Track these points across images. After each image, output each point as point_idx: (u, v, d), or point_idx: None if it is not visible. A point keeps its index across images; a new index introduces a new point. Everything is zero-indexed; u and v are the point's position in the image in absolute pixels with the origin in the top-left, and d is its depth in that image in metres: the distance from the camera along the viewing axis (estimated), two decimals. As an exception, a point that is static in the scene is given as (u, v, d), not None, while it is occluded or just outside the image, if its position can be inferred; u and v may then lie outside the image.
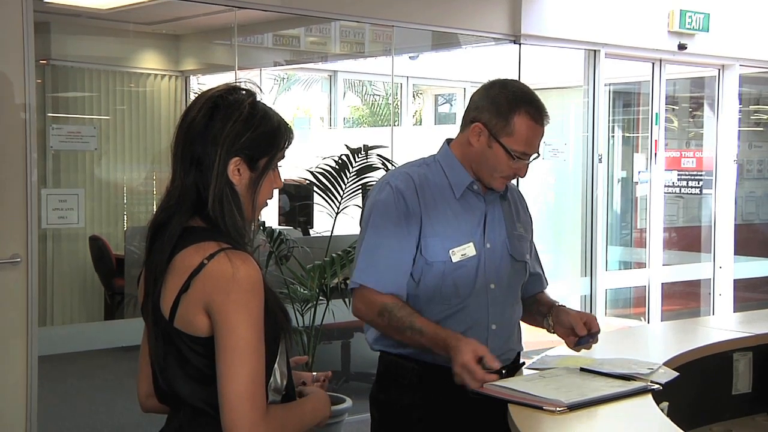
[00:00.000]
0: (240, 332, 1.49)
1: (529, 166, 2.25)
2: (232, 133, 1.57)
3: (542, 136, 2.23)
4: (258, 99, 1.63)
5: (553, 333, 2.32)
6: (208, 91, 1.63)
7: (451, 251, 2.21)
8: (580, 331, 2.23)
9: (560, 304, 2.36)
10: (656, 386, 2.08)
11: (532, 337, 2.77)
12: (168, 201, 1.61)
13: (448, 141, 2.36)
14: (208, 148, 1.57)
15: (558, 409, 1.89)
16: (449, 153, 2.32)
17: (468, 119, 2.26)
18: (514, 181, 2.43)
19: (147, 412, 1.76)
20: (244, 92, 1.62)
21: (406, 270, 2.21)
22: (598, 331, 2.25)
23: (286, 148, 1.66)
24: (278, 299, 1.64)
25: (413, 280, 2.22)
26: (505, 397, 1.97)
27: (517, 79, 5.42)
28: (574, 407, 1.91)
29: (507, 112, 2.18)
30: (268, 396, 1.56)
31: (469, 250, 2.23)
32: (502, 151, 2.19)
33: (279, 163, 1.66)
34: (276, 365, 1.61)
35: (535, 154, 2.24)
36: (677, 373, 2.21)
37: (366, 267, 2.21)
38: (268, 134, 1.61)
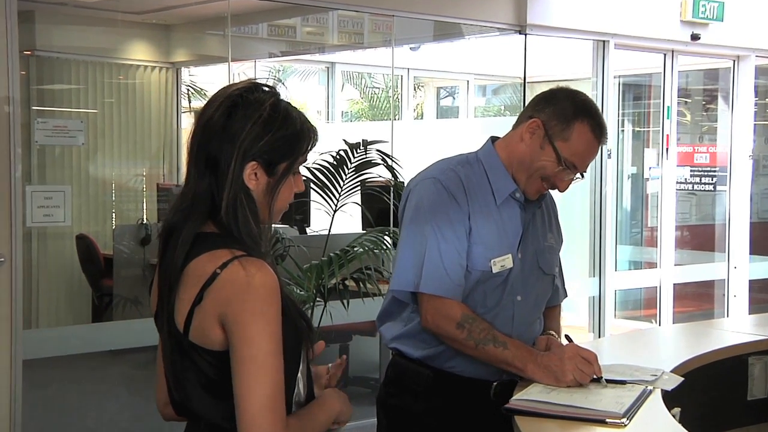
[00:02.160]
0: (258, 342, 1.48)
1: (571, 183, 2.24)
2: (251, 136, 1.55)
3: (595, 157, 2.23)
4: (281, 98, 1.61)
5: None
6: (228, 87, 1.61)
7: (492, 261, 2.20)
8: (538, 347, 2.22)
9: (550, 332, 2.34)
10: (650, 387, 2.08)
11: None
12: (181, 203, 1.59)
13: (493, 139, 2.33)
14: (224, 150, 1.55)
15: (622, 421, 1.87)
16: (493, 153, 2.28)
17: (525, 116, 2.24)
18: None
19: (167, 420, 1.75)
20: (266, 90, 1.60)
21: (464, 275, 2.19)
22: None
23: (309, 151, 1.63)
24: (297, 305, 1.64)
25: None
26: (550, 412, 1.94)
27: (523, 70, 5.37)
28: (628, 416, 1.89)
29: (570, 117, 2.17)
30: (292, 408, 1.56)
31: (507, 261, 2.22)
32: (553, 155, 2.18)
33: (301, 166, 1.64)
34: (299, 374, 1.61)
35: (580, 174, 2.23)
36: (682, 379, 2.21)
37: (434, 274, 2.16)
38: (289, 138, 1.58)
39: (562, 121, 2.17)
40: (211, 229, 1.58)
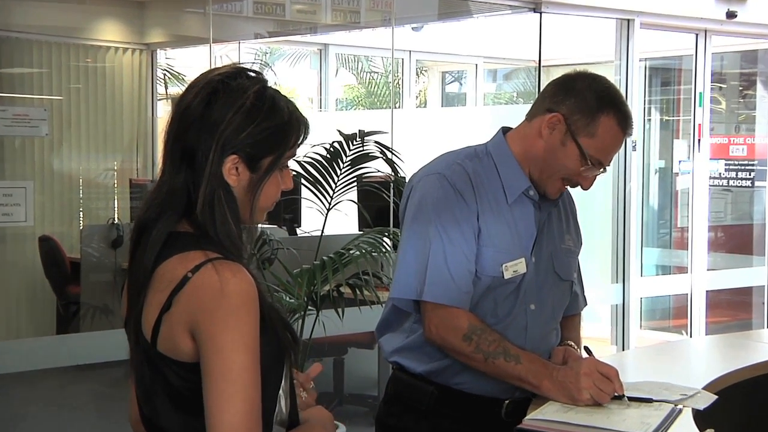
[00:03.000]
0: (231, 355, 1.48)
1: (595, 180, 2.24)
2: (231, 126, 1.55)
3: (619, 149, 2.24)
4: (267, 85, 1.61)
5: None
6: (209, 72, 1.62)
7: (504, 266, 2.20)
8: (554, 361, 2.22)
9: (570, 342, 2.34)
10: (680, 406, 2.08)
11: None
12: (154, 199, 1.59)
13: (504, 130, 2.32)
14: (202, 141, 1.55)
15: None
16: (504, 146, 2.28)
17: (542, 108, 2.23)
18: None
19: None
20: (251, 76, 1.60)
21: (472, 281, 2.18)
22: None
23: (298, 145, 1.63)
24: (282, 314, 1.63)
25: None
26: None
27: (538, 53, 5.36)
28: None
29: (595, 110, 2.16)
30: (271, 429, 1.56)
31: (520, 266, 2.21)
32: (577, 153, 2.17)
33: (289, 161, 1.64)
34: (281, 391, 1.61)
35: (603, 168, 2.23)
36: (716, 397, 2.21)
37: (439, 280, 2.16)
38: (275, 130, 1.58)
39: (587, 115, 2.16)
40: (185, 229, 1.58)
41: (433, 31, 7.94)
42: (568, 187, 2.32)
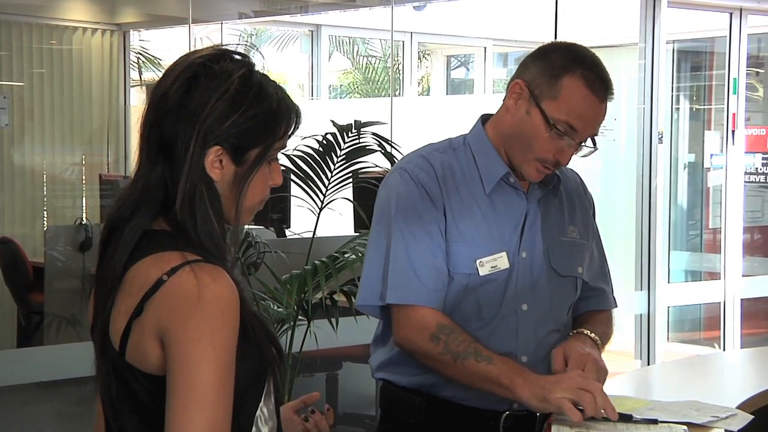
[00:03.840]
0: (198, 370, 1.48)
1: (577, 154, 2.22)
2: (214, 114, 1.56)
3: (600, 117, 2.22)
4: (254, 69, 1.61)
5: None
6: (190, 54, 1.62)
7: (478, 262, 2.21)
8: (553, 364, 2.18)
9: (582, 330, 2.30)
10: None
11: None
12: (128, 195, 1.59)
13: (484, 118, 2.35)
14: (181, 130, 1.56)
15: None
16: (482, 134, 2.31)
17: (511, 82, 2.27)
18: (572, 166, 2.41)
19: None
20: (236, 59, 1.61)
21: (445, 279, 2.21)
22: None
23: (289, 136, 1.64)
24: (266, 326, 1.63)
25: None
26: None
27: (554, 34, 5.36)
28: None
29: (558, 72, 2.18)
30: None
31: (501, 261, 2.23)
32: (541, 120, 2.18)
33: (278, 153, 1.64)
34: (259, 412, 1.60)
35: (589, 142, 2.22)
36: (752, 417, 2.21)
37: (402, 280, 2.19)
38: (262, 118, 1.59)
39: (549, 77, 2.18)
40: (161, 227, 1.58)
41: (437, 11, 7.95)
42: (577, 174, 2.34)
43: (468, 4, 7.55)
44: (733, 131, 6.52)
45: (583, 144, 2.22)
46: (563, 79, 2.17)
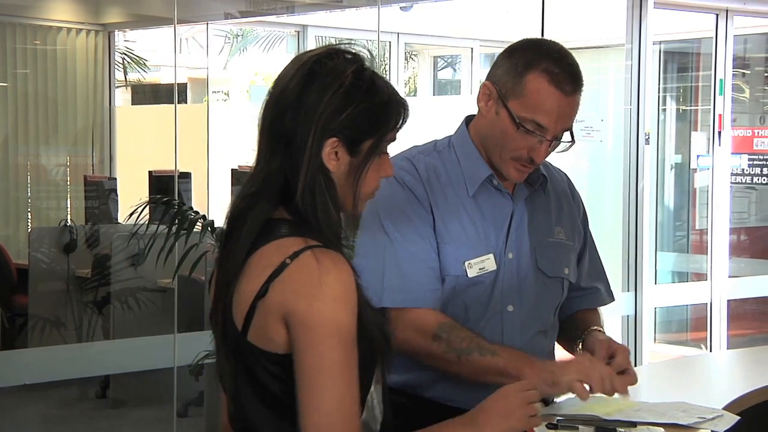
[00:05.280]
0: (325, 349, 1.57)
1: (551, 150, 2.23)
2: (330, 108, 1.65)
3: (570, 111, 2.21)
4: (365, 66, 1.72)
5: None
6: (304, 54, 1.72)
7: (466, 263, 2.23)
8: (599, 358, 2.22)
9: (596, 328, 2.35)
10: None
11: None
12: (249, 188, 1.69)
13: (468, 119, 2.35)
14: (299, 125, 1.65)
15: None
16: (465, 135, 2.32)
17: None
18: (560, 166, 2.42)
19: None
20: (348, 57, 1.71)
21: (439, 278, 2.22)
22: (626, 371, 2.19)
23: (399, 128, 1.74)
24: (377, 314, 1.73)
25: None
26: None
27: (540, 35, 5.35)
28: None
29: (521, 70, 2.19)
30: None
31: (488, 262, 2.24)
32: (508, 119, 2.19)
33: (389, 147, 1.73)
34: (370, 396, 1.68)
35: (567, 137, 2.22)
36: (738, 418, 2.22)
37: (398, 283, 2.20)
38: (375, 111, 1.69)
39: (514, 75, 2.19)
40: (283, 216, 1.68)
41: (424, 12, 7.94)
42: (564, 174, 2.37)
43: (455, 4, 7.55)
44: (719, 132, 6.54)
45: (558, 139, 2.22)
46: (526, 77, 2.18)
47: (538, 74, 2.17)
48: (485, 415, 1.80)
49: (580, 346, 2.31)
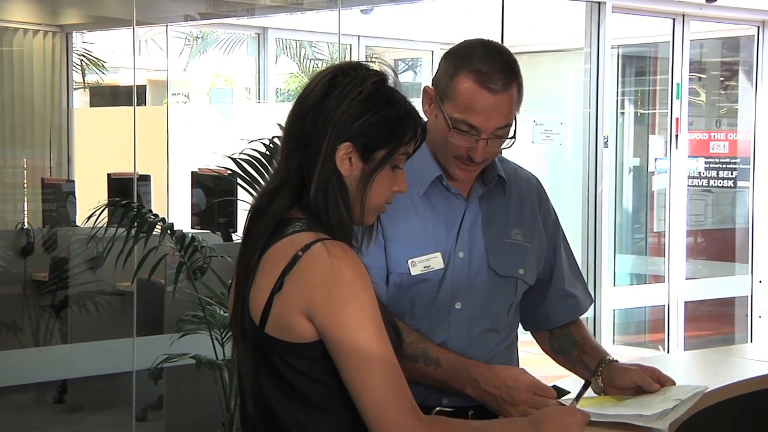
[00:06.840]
0: (354, 331, 1.65)
1: (497, 148, 2.25)
2: (347, 113, 1.74)
3: (503, 108, 2.21)
4: (387, 79, 1.80)
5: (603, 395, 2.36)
6: (331, 65, 1.84)
7: (410, 261, 2.24)
8: (650, 388, 2.29)
9: (612, 358, 2.37)
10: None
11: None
12: (270, 183, 1.81)
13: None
14: (318, 126, 1.75)
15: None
16: None
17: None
18: (532, 169, 2.44)
19: None
20: (371, 69, 1.80)
21: (383, 277, 2.24)
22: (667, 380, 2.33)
23: (412, 143, 1.81)
24: (388, 312, 1.79)
25: None
26: None
27: (500, 39, 5.36)
28: None
29: (452, 72, 2.22)
30: None
31: (434, 261, 2.26)
32: (443, 121, 2.23)
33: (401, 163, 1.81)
34: None
35: (510, 135, 2.24)
36: (683, 411, 2.23)
37: None
38: (390, 121, 1.77)
39: (447, 78, 2.23)
40: (297, 215, 1.76)
41: (385, 14, 7.95)
42: (529, 175, 2.39)
43: (415, 8, 7.56)
44: (676, 135, 6.60)
45: (499, 137, 2.23)
46: (456, 78, 2.22)
47: (465, 75, 2.20)
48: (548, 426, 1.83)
49: (601, 382, 2.33)
